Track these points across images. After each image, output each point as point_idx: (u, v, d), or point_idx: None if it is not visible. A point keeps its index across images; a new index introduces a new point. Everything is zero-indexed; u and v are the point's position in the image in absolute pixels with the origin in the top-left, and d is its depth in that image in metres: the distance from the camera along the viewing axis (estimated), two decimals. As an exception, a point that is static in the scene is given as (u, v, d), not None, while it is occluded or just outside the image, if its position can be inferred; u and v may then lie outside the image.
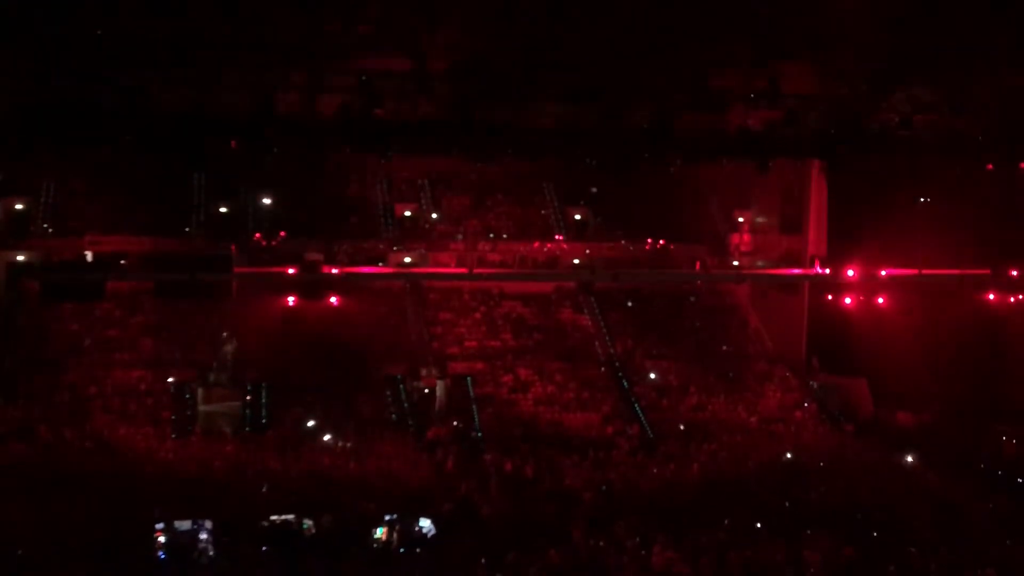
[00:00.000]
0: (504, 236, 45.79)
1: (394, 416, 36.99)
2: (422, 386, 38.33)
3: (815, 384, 42.01)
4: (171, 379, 36.57)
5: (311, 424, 34.68)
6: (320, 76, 28.44)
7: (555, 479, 31.42)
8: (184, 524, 25.15)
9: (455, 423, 36.47)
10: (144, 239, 40.09)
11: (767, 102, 30.84)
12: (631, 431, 37.02)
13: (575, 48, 27.57)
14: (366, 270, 41.62)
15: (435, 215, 46.23)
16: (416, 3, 26.04)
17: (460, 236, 44.99)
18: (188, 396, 35.87)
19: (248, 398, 35.85)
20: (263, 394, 36.11)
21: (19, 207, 41.66)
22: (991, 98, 30.79)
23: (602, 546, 25.22)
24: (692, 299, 46.76)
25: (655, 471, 32.69)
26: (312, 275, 37.04)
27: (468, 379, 39.01)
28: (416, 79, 28.56)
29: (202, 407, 35.58)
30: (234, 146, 30.03)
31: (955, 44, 26.67)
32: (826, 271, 39.94)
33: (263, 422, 35.17)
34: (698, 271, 45.26)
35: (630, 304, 45.54)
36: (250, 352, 37.34)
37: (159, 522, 25.08)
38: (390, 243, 44.11)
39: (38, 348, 37.40)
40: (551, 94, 29.84)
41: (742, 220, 46.56)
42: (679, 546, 24.86)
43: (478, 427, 36.54)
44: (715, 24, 25.72)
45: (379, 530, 26.24)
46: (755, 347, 44.88)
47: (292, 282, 36.76)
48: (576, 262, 46.04)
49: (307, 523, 26.14)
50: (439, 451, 33.44)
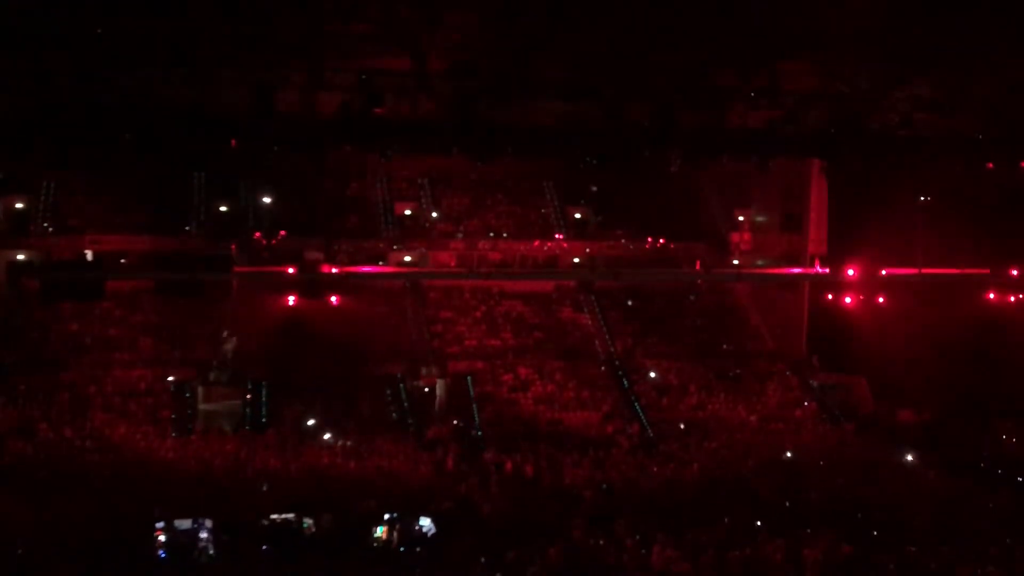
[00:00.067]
0: (504, 235, 45.86)
1: (394, 415, 37.11)
2: (422, 385, 38.46)
3: (815, 383, 42.11)
4: (171, 378, 36.71)
5: (311, 423, 34.71)
6: (320, 75, 28.36)
7: (555, 478, 31.47)
8: (184, 523, 25.09)
9: (455, 422, 36.54)
10: (144, 238, 40.24)
11: (767, 100, 30.76)
12: (631, 430, 37.10)
13: (575, 47, 27.51)
14: (366, 269, 41.67)
15: (435, 214, 46.26)
16: (416, 2, 25.97)
17: (460, 235, 45.06)
18: (188, 395, 36.00)
19: (248, 397, 35.96)
20: (263, 393, 36.21)
21: (19, 206, 41.80)
22: (991, 97, 30.74)
23: (602, 545, 25.17)
24: (692, 298, 46.84)
25: (655, 470, 32.75)
26: (312, 274, 37.11)
27: (468, 378, 39.10)
28: (416, 78, 28.48)
29: (202, 406, 35.69)
30: (234, 145, 29.94)
31: (955, 43, 26.62)
32: (826, 270, 40.00)
33: (263, 421, 35.24)
34: (698, 270, 45.32)
35: (630, 303, 45.62)
36: (250, 351, 37.41)
37: (159, 521, 25.03)
38: (390, 242, 44.21)
39: (38, 347, 37.46)
40: (551, 93, 29.78)
41: (742, 219, 46.63)
42: (679, 544, 24.84)
43: (478, 426, 36.61)
44: (715, 22, 25.67)
45: (379, 529, 26.20)
46: (755, 346, 44.93)
47: (292, 281, 36.77)
48: (576, 261, 46.14)
49: (307, 522, 26.11)
50: (439, 450, 33.48)
